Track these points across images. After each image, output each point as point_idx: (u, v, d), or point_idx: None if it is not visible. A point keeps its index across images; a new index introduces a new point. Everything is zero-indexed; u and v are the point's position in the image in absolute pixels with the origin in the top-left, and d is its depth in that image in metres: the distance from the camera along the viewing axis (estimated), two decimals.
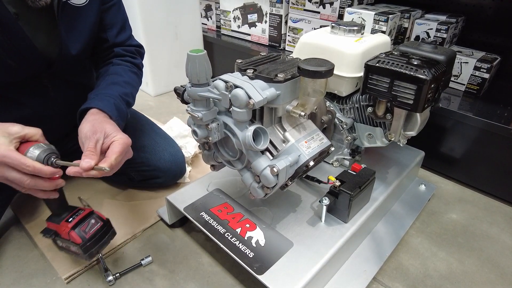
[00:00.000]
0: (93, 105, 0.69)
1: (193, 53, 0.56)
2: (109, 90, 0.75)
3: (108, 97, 0.73)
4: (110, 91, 0.75)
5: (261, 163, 0.63)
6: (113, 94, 0.74)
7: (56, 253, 0.82)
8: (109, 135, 0.62)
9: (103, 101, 0.71)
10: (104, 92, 0.74)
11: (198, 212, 0.79)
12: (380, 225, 0.88)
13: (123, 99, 0.77)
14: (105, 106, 0.70)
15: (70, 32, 0.71)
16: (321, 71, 0.59)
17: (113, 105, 0.72)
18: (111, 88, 0.76)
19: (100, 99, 0.71)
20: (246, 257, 0.68)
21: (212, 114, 0.63)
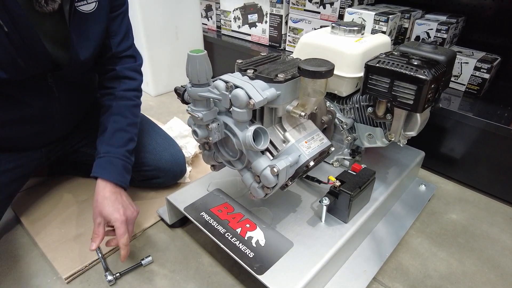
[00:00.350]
0: (102, 176, 0.77)
1: (193, 53, 0.56)
2: (115, 141, 0.81)
3: (116, 158, 0.80)
4: (116, 145, 0.81)
5: (261, 163, 0.63)
6: (119, 153, 0.81)
7: (57, 253, 0.82)
8: (110, 219, 0.73)
9: (111, 171, 0.79)
10: (112, 150, 0.81)
11: (198, 212, 0.79)
12: (380, 225, 0.88)
13: (128, 152, 0.83)
14: (112, 176, 0.78)
15: (80, 39, 0.72)
16: (321, 71, 0.59)
17: (120, 171, 0.80)
18: (117, 138, 0.82)
19: (108, 168, 0.79)
20: (246, 257, 0.68)
21: (213, 114, 0.63)
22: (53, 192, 1.02)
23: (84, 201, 0.99)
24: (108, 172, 0.78)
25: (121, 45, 0.83)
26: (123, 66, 0.84)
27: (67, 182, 1.06)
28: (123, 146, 0.82)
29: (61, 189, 1.03)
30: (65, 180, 1.06)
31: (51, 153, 0.92)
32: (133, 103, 0.86)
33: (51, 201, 0.98)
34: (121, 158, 0.81)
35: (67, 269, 0.78)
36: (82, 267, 0.79)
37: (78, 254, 0.82)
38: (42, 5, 0.64)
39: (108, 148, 0.80)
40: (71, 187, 1.04)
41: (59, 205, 0.97)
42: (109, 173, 0.78)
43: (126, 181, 0.81)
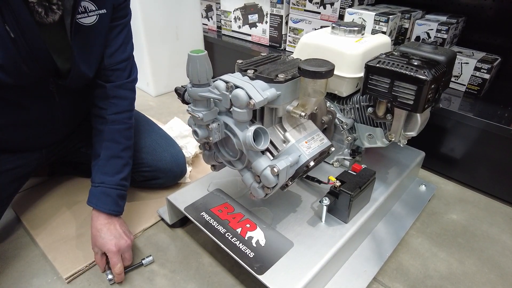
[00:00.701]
0: (96, 208, 0.80)
1: (193, 53, 0.56)
2: (109, 169, 0.82)
3: (110, 189, 0.81)
4: (110, 174, 0.81)
5: (261, 163, 0.63)
6: (114, 182, 0.81)
7: (57, 253, 0.82)
8: (103, 250, 0.77)
9: (104, 202, 0.80)
10: (106, 179, 0.81)
11: (198, 212, 0.79)
12: (381, 225, 0.88)
13: (124, 180, 0.83)
14: (105, 207, 0.80)
15: (81, 51, 0.71)
16: (321, 72, 0.59)
17: (115, 201, 0.81)
18: (111, 166, 0.82)
19: (102, 199, 0.80)
20: (246, 257, 0.68)
21: (213, 114, 0.63)
22: (53, 192, 1.02)
23: (84, 201, 0.98)
24: (102, 203, 0.80)
25: (114, 57, 0.79)
26: (113, 84, 0.81)
27: (67, 182, 1.06)
28: (118, 173, 0.82)
29: (62, 189, 1.03)
30: (65, 180, 1.06)
31: (51, 154, 0.92)
32: (125, 127, 0.84)
33: (51, 201, 0.98)
34: (116, 188, 0.81)
35: (67, 269, 0.78)
36: (82, 267, 0.79)
37: (78, 254, 0.83)
38: (42, 16, 0.63)
39: (103, 177, 0.81)
40: (72, 187, 1.04)
41: (59, 205, 0.97)
42: (103, 204, 0.80)
43: (120, 209, 0.83)
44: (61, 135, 0.89)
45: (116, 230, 0.79)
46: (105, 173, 0.81)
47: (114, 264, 0.76)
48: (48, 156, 0.91)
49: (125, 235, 0.79)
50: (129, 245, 0.79)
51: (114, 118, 0.82)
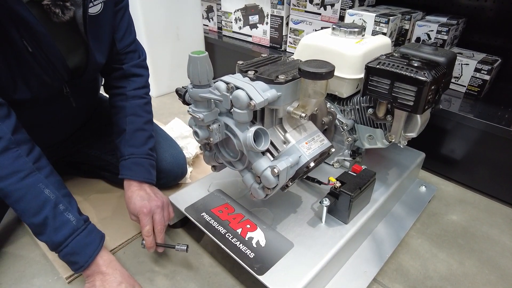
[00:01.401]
0: (131, 178, 0.81)
1: (194, 54, 0.56)
2: (136, 141, 0.83)
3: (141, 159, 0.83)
4: (137, 146, 0.83)
5: (261, 164, 0.63)
6: (143, 152, 0.84)
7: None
8: (135, 212, 0.77)
9: (138, 171, 0.82)
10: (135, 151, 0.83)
11: (199, 212, 0.79)
12: (381, 226, 0.89)
13: (151, 150, 0.86)
14: (140, 176, 0.82)
15: (95, 42, 0.72)
16: (322, 73, 0.59)
17: (147, 169, 0.83)
18: (137, 139, 0.84)
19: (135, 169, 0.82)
20: (246, 257, 0.68)
21: (213, 115, 0.63)
22: None
23: (84, 200, 0.99)
24: (135, 172, 0.81)
25: (123, 41, 0.82)
26: (129, 64, 0.85)
27: (68, 182, 1.06)
28: (144, 145, 0.84)
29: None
30: (66, 180, 1.06)
31: (53, 154, 0.92)
32: (144, 101, 0.87)
33: None
34: (146, 157, 0.83)
35: (68, 269, 0.78)
36: None
37: None
38: (60, 15, 0.64)
39: (131, 149, 0.82)
40: (72, 186, 1.04)
41: None
42: (137, 173, 0.81)
43: (152, 177, 0.84)
44: (64, 135, 0.90)
45: (146, 193, 0.79)
46: (133, 145, 0.82)
47: (143, 226, 0.75)
48: (50, 157, 0.91)
49: (156, 196, 0.79)
50: (159, 205, 0.78)
51: (134, 93, 0.85)
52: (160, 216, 0.77)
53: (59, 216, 0.66)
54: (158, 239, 0.77)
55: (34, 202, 0.64)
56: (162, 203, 0.79)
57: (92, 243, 0.70)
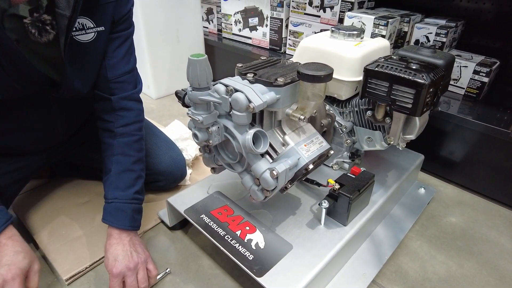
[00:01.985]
0: (111, 225, 0.76)
1: (194, 57, 0.57)
2: (121, 183, 0.78)
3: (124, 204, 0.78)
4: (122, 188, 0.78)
5: (261, 166, 0.63)
6: (127, 196, 0.78)
7: (57, 254, 0.83)
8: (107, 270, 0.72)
9: (119, 218, 0.77)
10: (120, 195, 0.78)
11: (198, 214, 0.79)
12: (380, 228, 0.89)
13: (138, 193, 0.80)
14: (120, 223, 0.76)
15: (73, 68, 0.70)
16: (320, 76, 0.60)
17: (130, 216, 0.78)
18: (123, 180, 0.79)
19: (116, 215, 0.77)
20: (245, 259, 0.68)
21: (213, 117, 0.64)
22: (54, 194, 1.02)
23: (85, 203, 1.00)
24: (117, 219, 0.76)
25: (115, 69, 0.77)
26: (118, 96, 0.78)
27: (68, 184, 1.06)
28: (130, 187, 0.79)
29: (62, 191, 1.04)
30: (66, 182, 1.07)
31: (52, 156, 0.92)
32: (134, 139, 0.81)
33: (52, 203, 0.99)
34: (130, 202, 0.78)
35: (67, 270, 0.79)
36: (82, 268, 0.80)
37: (79, 255, 0.83)
38: (36, 36, 0.63)
39: (115, 193, 0.77)
40: (72, 189, 1.05)
41: (60, 207, 0.98)
42: (118, 220, 0.76)
43: (136, 223, 0.79)
44: (60, 139, 0.89)
45: (123, 249, 0.73)
46: (117, 188, 0.78)
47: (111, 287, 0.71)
48: (49, 159, 0.92)
49: (132, 254, 0.73)
50: (131, 268, 0.72)
51: (122, 130, 0.80)
52: (131, 280, 0.71)
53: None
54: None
55: None
56: (136, 264, 0.73)
57: None
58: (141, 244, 0.78)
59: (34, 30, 0.62)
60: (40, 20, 0.62)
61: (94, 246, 0.86)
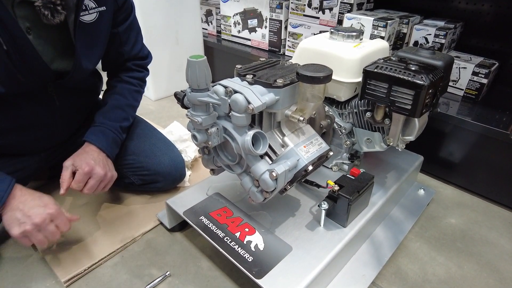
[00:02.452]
0: (93, 142, 0.83)
1: (193, 59, 0.56)
2: (111, 115, 0.88)
3: (108, 130, 0.86)
4: (111, 119, 0.87)
5: (260, 167, 0.63)
6: (113, 126, 0.87)
7: (56, 256, 0.82)
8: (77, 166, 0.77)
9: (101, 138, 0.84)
10: (107, 122, 0.86)
11: (197, 216, 0.79)
12: (379, 229, 0.89)
13: (121, 129, 0.89)
14: (101, 143, 0.83)
15: (83, 48, 0.74)
16: (319, 77, 0.60)
17: (110, 142, 0.85)
18: (113, 114, 0.88)
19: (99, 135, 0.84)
20: (245, 261, 0.68)
21: (212, 119, 0.63)
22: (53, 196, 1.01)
23: (84, 205, 0.99)
24: (99, 138, 0.83)
25: (132, 51, 0.90)
26: (132, 63, 0.93)
27: None
28: (117, 121, 0.88)
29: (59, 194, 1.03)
30: None
31: (51, 157, 0.92)
32: (135, 89, 0.93)
33: None
34: (113, 131, 0.86)
35: (66, 273, 0.78)
36: (81, 270, 0.79)
37: (77, 257, 0.83)
38: (49, 18, 0.65)
39: (104, 120, 0.86)
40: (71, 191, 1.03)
41: None
42: (99, 140, 0.83)
43: (113, 152, 0.86)
44: (59, 138, 0.89)
45: (100, 159, 0.80)
46: (107, 117, 0.86)
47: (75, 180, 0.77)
48: (48, 160, 0.92)
49: (104, 166, 0.80)
50: (101, 175, 0.78)
51: (128, 79, 0.92)
52: (94, 182, 0.78)
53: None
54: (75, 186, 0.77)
55: None
56: (104, 175, 0.79)
57: (4, 179, 0.70)
58: (113, 166, 0.85)
59: (46, 12, 0.64)
60: (51, 1, 0.64)
61: (93, 248, 0.85)
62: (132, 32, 0.88)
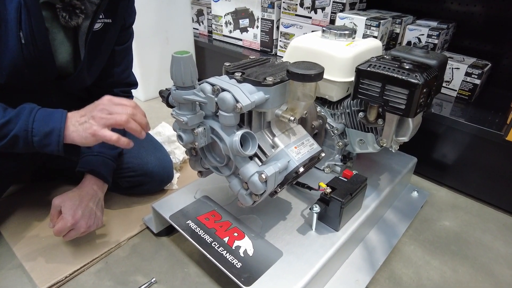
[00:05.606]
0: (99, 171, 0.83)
1: (178, 54, 0.54)
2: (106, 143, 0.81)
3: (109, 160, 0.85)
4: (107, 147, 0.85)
5: (249, 169, 0.61)
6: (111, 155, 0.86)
7: (35, 263, 0.79)
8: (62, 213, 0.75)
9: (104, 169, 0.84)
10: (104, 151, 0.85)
11: (184, 220, 0.76)
12: (372, 233, 0.86)
13: (116, 156, 0.88)
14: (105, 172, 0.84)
15: (89, 56, 0.75)
16: (311, 75, 0.57)
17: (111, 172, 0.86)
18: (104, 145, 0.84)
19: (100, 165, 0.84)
20: (233, 267, 0.65)
21: (198, 118, 0.61)
22: (34, 199, 0.98)
23: None
24: (101, 169, 0.83)
25: (123, 74, 0.89)
26: (119, 89, 0.91)
27: (50, 189, 1.02)
28: (113, 149, 0.86)
29: (43, 196, 0.99)
30: (48, 187, 1.02)
31: (35, 159, 0.88)
32: None
33: (31, 209, 0.94)
34: (113, 160, 0.85)
35: (45, 280, 0.75)
36: (62, 278, 0.75)
37: (58, 263, 0.79)
38: (67, 20, 0.68)
39: (101, 148, 0.84)
40: (53, 194, 1.00)
41: (39, 213, 0.93)
42: (101, 171, 0.83)
43: (111, 180, 0.86)
44: None
45: (92, 207, 0.78)
46: (103, 146, 0.83)
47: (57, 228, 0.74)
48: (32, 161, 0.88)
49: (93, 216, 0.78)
50: (89, 228, 0.77)
51: None
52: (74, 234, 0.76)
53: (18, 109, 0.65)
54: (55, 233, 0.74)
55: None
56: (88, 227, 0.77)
57: (54, 111, 0.66)
58: (102, 210, 0.83)
59: (65, 14, 0.67)
60: (71, 4, 0.68)
61: (75, 253, 0.82)
62: (127, 57, 0.89)
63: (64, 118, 0.65)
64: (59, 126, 0.64)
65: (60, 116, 0.65)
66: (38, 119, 0.63)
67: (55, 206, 0.76)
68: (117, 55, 0.85)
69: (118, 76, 0.89)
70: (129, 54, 0.90)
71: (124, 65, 0.89)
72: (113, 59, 0.85)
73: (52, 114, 0.65)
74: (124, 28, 0.83)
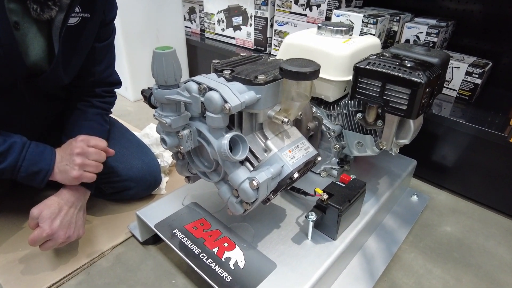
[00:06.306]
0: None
1: (159, 50, 0.49)
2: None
3: None
4: None
5: (239, 175, 0.56)
6: None
7: (10, 275, 0.73)
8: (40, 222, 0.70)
9: None
10: None
11: (171, 229, 0.71)
12: (371, 240, 0.82)
13: None
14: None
15: (63, 52, 0.71)
16: (305, 72, 0.53)
17: None
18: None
19: None
20: (223, 281, 0.60)
21: (183, 120, 0.56)
22: (12, 207, 0.92)
23: None
24: None
25: (104, 73, 0.85)
26: (101, 89, 0.87)
27: (30, 195, 0.96)
28: None
29: (22, 204, 0.93)
30: (28, 192, 0.97)
31: None
32: (105, 112, 0.89)
33: (9, 217, 0.89)
34: None
35: None
36: None
37: (34, 276, 0.74)
38: (38, 12, 0.63)
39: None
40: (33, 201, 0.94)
41: (17, 221, 0.87)
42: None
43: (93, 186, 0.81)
44: (36, 128, 0.83)
45: (71, 216, 0.74)
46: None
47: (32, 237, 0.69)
48: None
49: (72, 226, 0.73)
50: (67, 238, 0.72)
51: (99, 104, 0.87)
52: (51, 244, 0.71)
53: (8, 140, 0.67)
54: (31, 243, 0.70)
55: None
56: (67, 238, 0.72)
57: (45, 149, 0.71)
58: (84, 219, 0.78)
59: (36, 6, 0.62)
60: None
61: (55, 264, 0.76)
62: (109, 54, 0.85)
63: (53, 160, 0.70)
64: (47, 168, 0.70)
65: (49, 157, 0.70)
66: (28, 158, 0.68)
67: (33, 217, 0.70)
68: (97, 53, 0.80)
69: (100, 75, 0.84)
70: (111, 52, 0.85)
71: (106, 63, 0.84)
72: (94, 57, 0.80)
73: (43, 154, 0.70)
74: (105, 24, 0.79)
